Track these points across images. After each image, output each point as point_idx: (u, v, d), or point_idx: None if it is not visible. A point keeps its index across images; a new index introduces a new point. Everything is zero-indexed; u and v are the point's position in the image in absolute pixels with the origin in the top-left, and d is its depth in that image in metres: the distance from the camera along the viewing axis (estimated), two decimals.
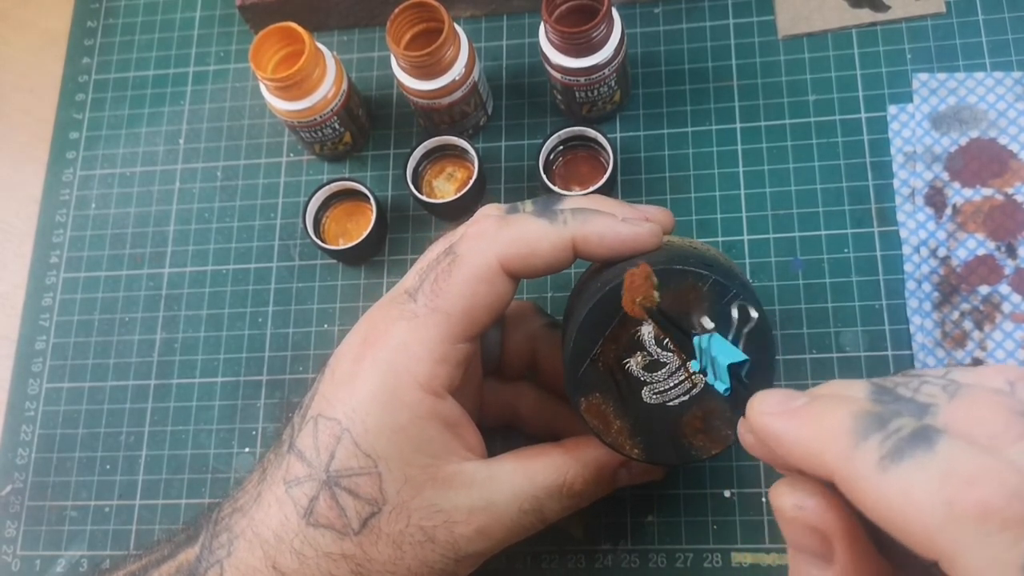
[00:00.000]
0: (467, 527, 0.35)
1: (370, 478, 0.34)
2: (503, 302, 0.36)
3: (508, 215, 0.37)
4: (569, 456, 0.37)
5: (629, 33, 0.52)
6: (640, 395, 0.34)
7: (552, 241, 0.35)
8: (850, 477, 0.22)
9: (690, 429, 0.34)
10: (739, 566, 0.43)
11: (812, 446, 0.24)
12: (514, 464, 0.36)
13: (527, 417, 0.44)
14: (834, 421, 0.23)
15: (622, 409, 0.35)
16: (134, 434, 0.50)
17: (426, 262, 0.37)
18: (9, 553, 0.49)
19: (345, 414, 0.34)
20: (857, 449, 0.23)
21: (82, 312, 0.53)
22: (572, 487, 0.36)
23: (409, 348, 0.34)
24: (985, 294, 0.44)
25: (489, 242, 0.35)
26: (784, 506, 0.25)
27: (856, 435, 0.23)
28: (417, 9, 0.47)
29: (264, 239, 0.52)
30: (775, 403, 0.26)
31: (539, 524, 0.37)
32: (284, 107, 0.48)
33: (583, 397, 0.35)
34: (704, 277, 0.33)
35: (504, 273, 0.35)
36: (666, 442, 0.35)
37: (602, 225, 0.36)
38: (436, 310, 0.35)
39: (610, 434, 0.35)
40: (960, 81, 0.48)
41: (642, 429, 0.35)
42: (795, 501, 0.25)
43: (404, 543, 0.34)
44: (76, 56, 0.59)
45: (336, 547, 0.34)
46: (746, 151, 0.49)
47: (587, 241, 0.35)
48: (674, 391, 0.34)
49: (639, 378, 0.34)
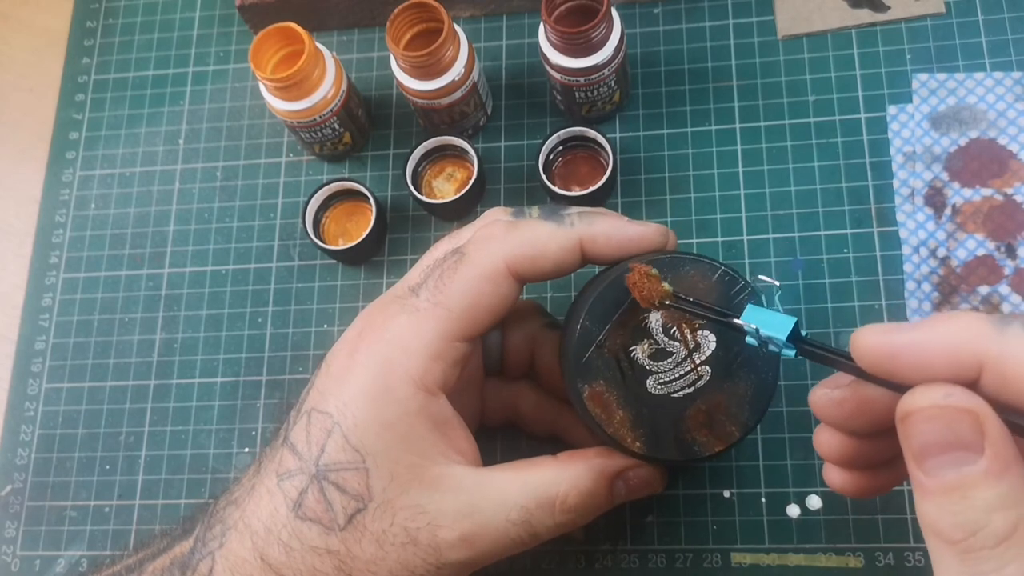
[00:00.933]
0: (450, 532, 0.34)
1: (357, 473, 0.34)
2: (505, 305, 0.36)
3: (516, 220, 0.37)
4: (563, 468, 0.36)
5: (628, 33, 0.52)
6: (645, 385, 0.34)
7: (560, 242, 0.36)
8: (1004, 356, 0.25)
9: (694, 424, 0.34)
10: (739, 566, 0.43)
11: (953, 342, 0.26)
12: (505, 473, 0.36)
13: (529, 417, 0.43)
14: (969, 320, 0.26)
15: (625, 398, 0.34)
16: (134, 434, 0.50)
17: (431, 259, 0.37)
18: (9, 553, 0.49)
19: (337, 408, 0.34)
20: (1004, 332, 0.25)
21: (82, 312, 0.53)
22: (565, 500, 0.35)
23: (405, 341, 0.34)
24: (985, 294, 0.44)
25: (498, 244, 0.35)
26: (929, 400, 0.25)
27: (997, 323, 0.26)
28: (417, 9, 0.47)
29: (264, 239, 0.52)
30: (889, 327, 0.27)
31: (530, 540, 0.36)
32: (284, 107, 0.48)
33: (587, 384, 0.34)
34: (714, 267, 0.34)
35: (510, 275, 0.35)
36: (669, 437, 0.34)
37: (609, 225, 0.36)
38: (438, 305, 0.35)
39: (612, 424, 0.34)
40: (960, 81, 0.48)
41: (645, 421, 0.34)
42: (942, 392, 0.25)
43: (387, 543, 0.34)
44: (76, 56, 0.59)
45: (322, 542, 0.34)
46: (746, 151, 0.49)
47: (595, 241, 0.36)
48: (679, 382, 0.34)
49: (644, 367, 0.34)
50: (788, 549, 0.43)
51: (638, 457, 0.35)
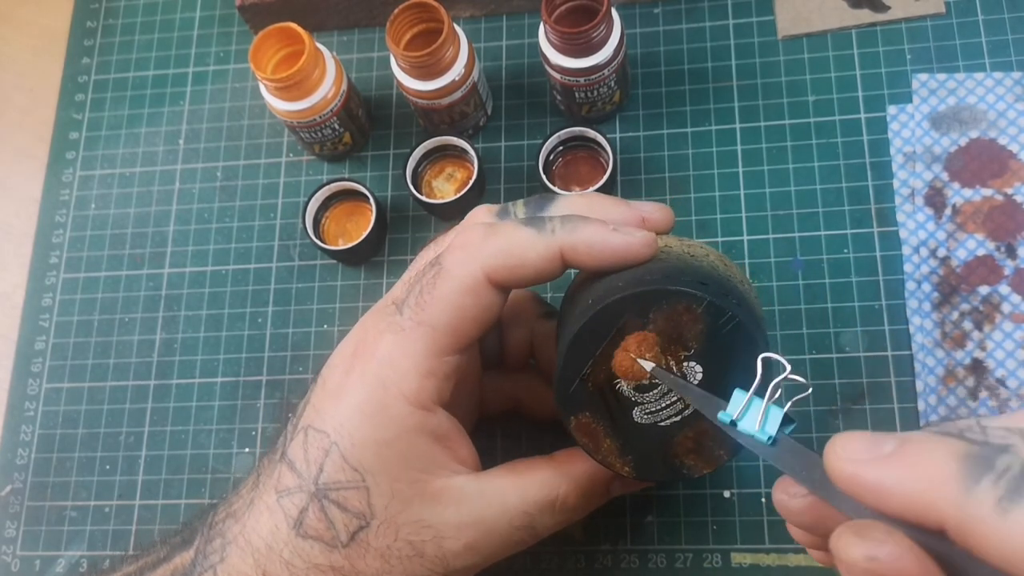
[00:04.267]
0: (456, 542, 0.34)
1: (358, 492, 0.34)
2: (491, 313, 0.35)
3: (495, 223, 0.36)
4: (561, 471, 0.36)
5: (629, 33, 0.52)
6: (631, 415, 0.34)
7: (539, 252, 0.34)
8: (967, 521, 0.22)
9: (682, 449, 0.34)
10: (739, 566, 0.43)
11: (916, 493, 0.23)
12: (505, 479, 0.36)
13: (530, 406, 0.43)
14: (938, 465, 0.23)
15: (612, 428, 0.34)
16: (134, 434, 0.50)
17: (414, 272, 0.36)
18: (9, 553, 0.49)
19: (334, 427, 0.34)
20: (971, 493, 0.22)
21: (82, 312, 0.53)
22: (565, 502, 0.36)
23: (396, 362, 0.34)
24: (985, 294, 0.44)
25: (474, 253, 0.34)
26: (854, 557, 0.23)
27: (966, 478, 0.22)
28: (417, 9, 0.47)
29: (264, 239, 0.52)
30: (862, 448, 0.24)
31: (530, 539, 0.36)
32: (284, 107, 0.48)
33: (573, 416, 0.34)
34: (699, 299, 0.32)
35: (490, 285, 0.34)
36: (657, 461, 0.34)
37: (591, 234, 0.34)
38: (421, 324, 0.34)
39: (600, 452, 0.34)
40: (960, 81, 0.48)
41: (633, 448, 0.34)
42: (866, 552, 0.23)
43: (392, 557, 0.34)
44: (76, 56, 0.59)
45: (325, 559, 0.34)
46: (746, 151, 0.49)
47: (575, 251, 0.34)
48: (666, 411, 0.34)
49: (630, 398, 0.34)
50: (788, 549, 0.43)
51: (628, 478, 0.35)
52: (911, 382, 0.44)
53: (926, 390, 0.44)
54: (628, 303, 0.33)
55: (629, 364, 0.33)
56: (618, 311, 0.33)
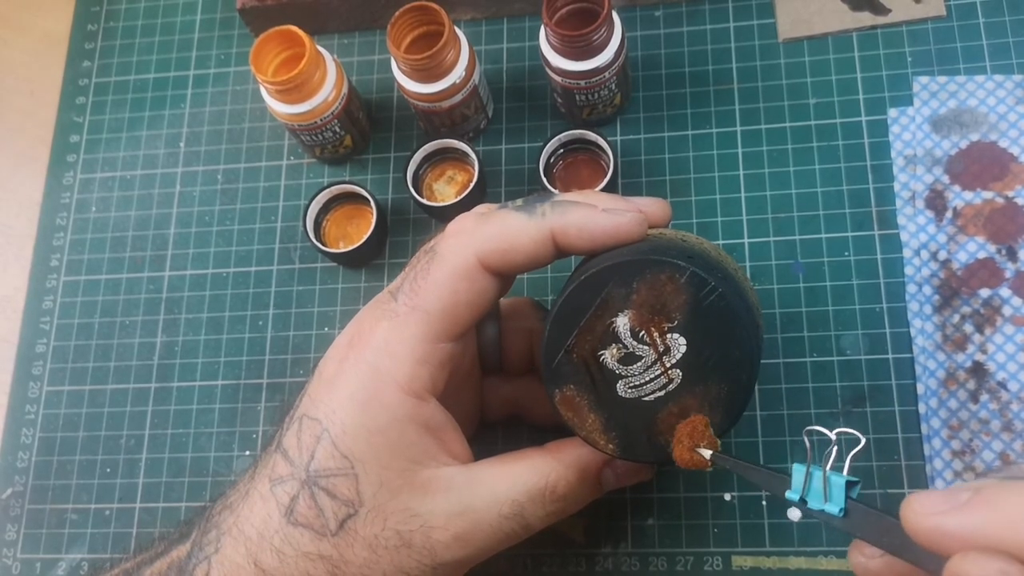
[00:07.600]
0: (444, 533, 0.34)
1: (347, 479, 0.34)
2: (486, 299, 0.36)
3: (488, 212, 0.36)
4: (551, 458, 0.36)
5: (629, 36, 0.52)
6: (615, 388, 0.34)
7: (531, 235, 0.35)
8: None
9: (665, 426, 0.34)
10: (739, 569, 0.43)
11: (1002, 531, 0.24)
12: (494, 468, 0.36)
13: (531, 411, 0.44)
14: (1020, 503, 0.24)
15: (596, 402, 0.34)
16: (134, 437, 0.50)
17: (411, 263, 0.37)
18: (9, 556, 0.49)
19: (326, 414, 0.34)
20: None
21: (82, 315, 0.53)
22: (555, 490, 0.36)
23: (390, 348, 0.34)
24: (986, 297, 0.44)
25: (467, 239, 0.35)
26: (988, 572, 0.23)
27: None
28: (417, 12, 0.47)
29: (264, 242, 0.52)
30: (939, 501, 0.25)
31: (522, 531, 0.36)
32: (284, 110, 0.48)
33: (557, 389, 0.34)
34: (681, 269, 0.32)
35: (484, 269, 0.35)
36: (642, 439, 0.34)
37: (581, 216, 0.35)
38: (415, 308, 0.35)
39: (584, 428, 0.34)
40: (960, 84, 0.48)
41: (616, 424, 0.34)
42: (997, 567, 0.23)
43: (380, 547, 0.34)
44: (77, 59, 0.59)
45: (314, 547, 0.34)
46: (746, 154, 0.49)
47: (566, 233, 0.35)
48: (649, 386, 0.34)
49: (614, 371, 0.34)
50: (789, 552, 0.43)
51: (612, 457, 0.35)
52: (912, 385, 0.44)
53: (927, 393, 0.44)
54: (612, 272, 0.33)
55: (688, 457, 0.33)
56: (602, 281, 0.33)
